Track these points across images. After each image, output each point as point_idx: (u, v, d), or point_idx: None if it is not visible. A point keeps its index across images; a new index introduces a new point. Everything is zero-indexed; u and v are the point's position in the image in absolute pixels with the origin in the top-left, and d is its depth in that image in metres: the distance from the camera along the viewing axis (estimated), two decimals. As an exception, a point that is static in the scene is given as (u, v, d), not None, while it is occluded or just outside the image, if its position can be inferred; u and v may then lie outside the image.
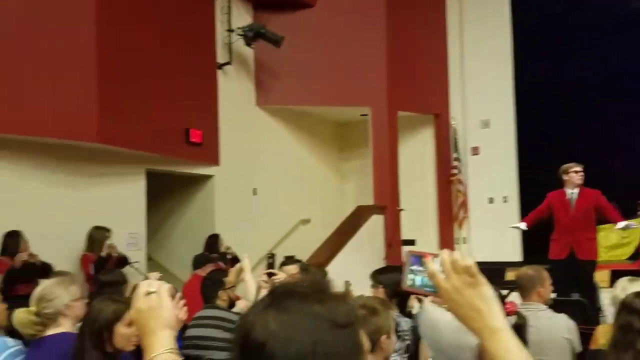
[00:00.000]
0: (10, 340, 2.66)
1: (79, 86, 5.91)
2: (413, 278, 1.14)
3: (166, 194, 8.15)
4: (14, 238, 5.39)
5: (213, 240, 7.22)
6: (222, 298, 3.76)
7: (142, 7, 6.78)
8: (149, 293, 1.11)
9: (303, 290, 0.87)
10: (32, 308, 2.74)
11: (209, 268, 5.79)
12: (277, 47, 8.03)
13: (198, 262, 6.43)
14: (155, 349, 1.05)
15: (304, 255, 6.66)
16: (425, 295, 1.43)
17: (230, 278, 3.95)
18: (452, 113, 9.61)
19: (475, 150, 9.60)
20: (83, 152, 6.35)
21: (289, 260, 4.59)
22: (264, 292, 3.50)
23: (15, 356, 2.62)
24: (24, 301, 2.86)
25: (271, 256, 4.15)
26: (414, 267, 1.14)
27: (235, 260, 6.59)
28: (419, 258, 1.13)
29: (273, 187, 8.74)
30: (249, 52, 8.60)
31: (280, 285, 0.90)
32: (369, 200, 8.55)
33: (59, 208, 6.13)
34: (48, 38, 5.72)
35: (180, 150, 7.35)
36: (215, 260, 6.59)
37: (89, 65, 5.99)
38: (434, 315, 1.72)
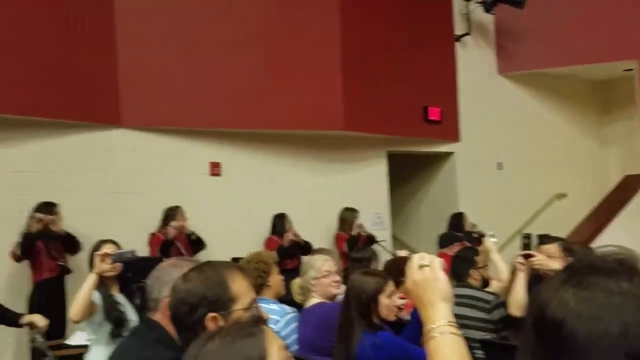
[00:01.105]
0: (288, 308, 3.07)
1: (325, 79, 6.43)
2: None
3: (407, 174, 8.36)
4: (281, 219, 6.18)
5: (457, 219, 7.18)
6: (474, 277, 3.72)
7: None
8: (422, 266, 1.15)
9: (608, 265, 0.80)
10: (298, 280, 3.11)
11: (455, 247, 5.78)
12: (520, 8, 7.54)
13: (444, 240, 6.47)
14: (435, 320, 1.09)
15: (559, 233, 6.20)
16: None
17: (481, 257, 3.88)
18: None
19: None
20: (327, 140, 6.89)
21: (547, 239, 4.31)
22: (521, 275, 3.42)
23: (292, 321, 3.01)
24: (292, 274, 3.26)
25: (527, 236, 3.93)
26: None
27: (481, 238, 6.46)
28: None
29: (521, 159, 8.29)
30: (488, 19, 8.26)
31: (579, 260, 0.84)
32: (637, 168, 7.54)
33: (313, 192, 6.77)
34: (296, 40, 6.34)
35: (419, 130, 7.45)
36: (461, 239, 6.55)
37: (334, 58, 6.46)
38: None
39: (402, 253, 4.71)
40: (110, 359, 1.88)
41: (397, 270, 3.60)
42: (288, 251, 5.87)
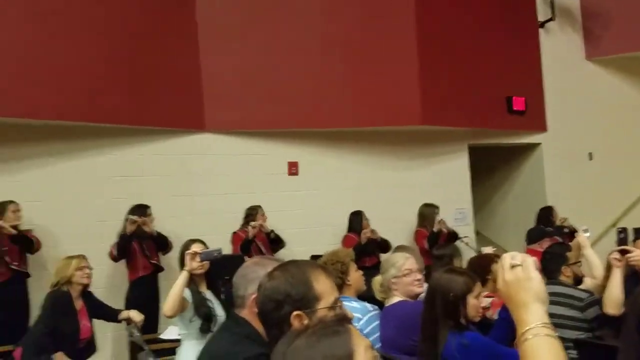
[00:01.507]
0: (369, 305, 3.07)
1: (402, 75, 6.36)
2: None
3: (490, 167, 8.11)
4: (357, 217, 6.19)
5: (547, 213, 6.87)
6: (566, 274, 3.55)
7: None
8: (514, 266, 1.12)
9: None
10: (379, 277, 3.10)
11: (545, 243, 5.54)
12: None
13: (533, 236, 6.21)
14: (530, 322, 1.05)
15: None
16: None
17: (573, 253, 3.71)
18: None
19: None
20: (405, 135, 6.82)
21: (645, 233, 4.05)
22: (617, 272, 3.23)
23: (374, 319, 3.01)
24: (370, 272, 3.24)
25: (622, 230, 3.69)
26: None
27: (573, 233, 6.15)
28: None
29: (613, 148, 7.82)
30: (573, 3, 7.86)
31: None
32: None
33: (392, 189, 6.74)
34: (372, 35, 6.32)
35: (502, 121, 7.21)
36: (551, 234, 6.27)
37: (410, 52, 6.38)
38: None
39: (487, 250, 4.58)
40: (202, 354, 1.96)
41: (481, 268, 3.51)
42: (365, 249, 5.87)
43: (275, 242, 5.79)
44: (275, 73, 6.12)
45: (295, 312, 1.31)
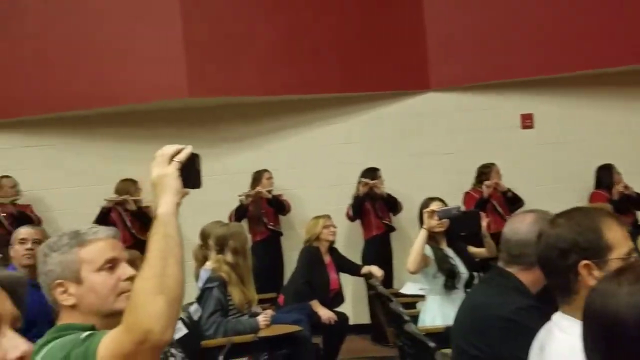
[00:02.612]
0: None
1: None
2: None
3: None
4: (607, 171, 5.64)
5: None
6: None
7: None
8: None
9: None
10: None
11: None
12: None
13: None
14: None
15: None
16: None
17: None
18: None
19: None
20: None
21: None
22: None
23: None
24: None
25: None
26: None
27: None
28: None
29: None
30: None
31: None
32: None
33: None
34: None
35: None
36: None
37: None
38: None
39: None
40: (463, 305, 2.04)
41: None
42: (618, 206, 5.29)
43: (512, 202, 5.58)
44: (499, 21, 5.80)
45: (583, 262, 1.30)
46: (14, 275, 0.75)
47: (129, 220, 5.46)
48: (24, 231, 3.35)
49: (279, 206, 5.67)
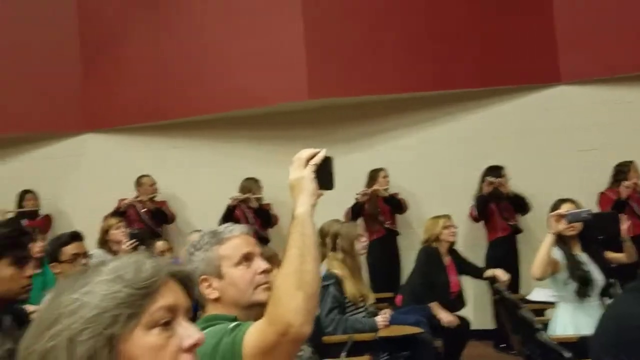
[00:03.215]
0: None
1: None
2: None
3: None
4: None
5: None
6: None
7: None
8: None
9: None
10: None
11: None
12: None
13: None
14: None
15: None
16: None
17: None
18: None
19: None
20: None
21: None
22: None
23: None
24: None
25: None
26: None
27: None
28: None
29: None
30: None
31: None
32: None
33: None
34: None
35: None
36: None
37: None
38: None
39: None
40: (606, 314, 1.93)
41: None
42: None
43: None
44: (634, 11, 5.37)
45: None
46: (185, 270, 0.83)
47: (252, 217, 5.73)
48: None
49: (396, 205, 5.65)
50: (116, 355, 0.72)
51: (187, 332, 0.77)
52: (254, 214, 5.75)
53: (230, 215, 5.59)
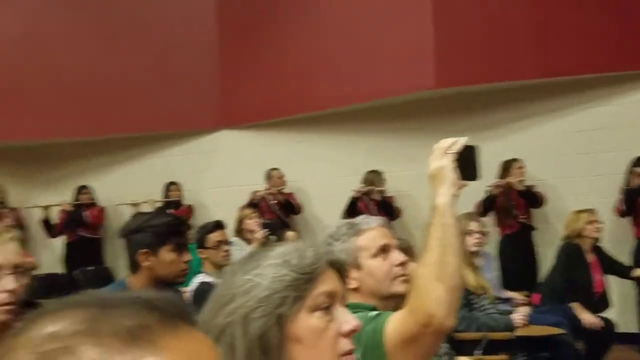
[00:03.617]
0: None
1: None
2: None
3: None
4: None
5: None
6: None
7: None
8: None
9: None
10: None
11: None
12: None
13: None
14: None
15: None
16: None
17: None
18: None
19: None
20: None
21: None
22: None
23: None
24: None
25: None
26: None
27: None
28: None
29: None
30: None
31: None
32: None
33: None
34: None
35: None
36: None
37: None
38: None
39: None
40: None
41: None
42: None
43: None
44: None
45: None
46: (341, 259, 0.87)
47: (375, 209, 5.74)
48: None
49: (532, 198, 5.38)
50: (284, 334, 0.76)
51: (346, 318, 0.80)
52: (377, 206, 5.76)
53: (353, 207, 5.65)
